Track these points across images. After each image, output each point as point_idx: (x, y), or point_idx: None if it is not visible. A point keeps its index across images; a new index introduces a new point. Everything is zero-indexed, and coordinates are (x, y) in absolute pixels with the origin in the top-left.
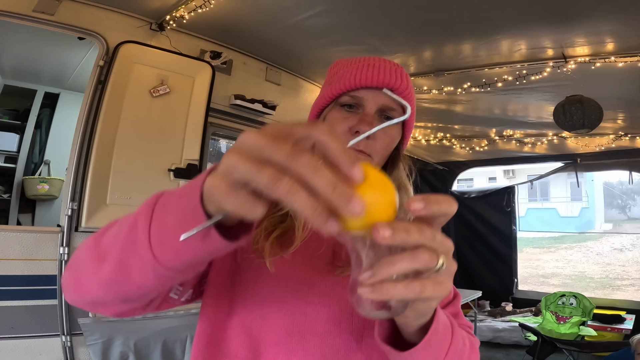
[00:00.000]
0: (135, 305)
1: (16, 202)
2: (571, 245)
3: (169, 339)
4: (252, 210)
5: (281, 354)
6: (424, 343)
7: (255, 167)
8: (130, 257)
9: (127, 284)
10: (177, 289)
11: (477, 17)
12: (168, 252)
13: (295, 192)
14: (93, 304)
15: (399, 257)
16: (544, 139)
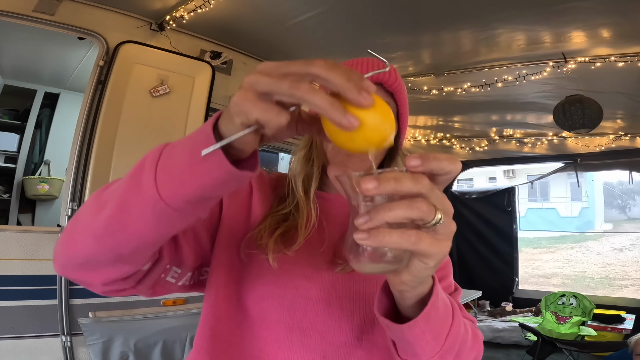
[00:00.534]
0: (126, 269)
1: (16, 202)
2: (571, 245)
3: (169, 339)
4: (278, 116)
5: (282, 350)
6: (424, 315)
7: (275, 79)
8: (131, 197)
9: (123, 230)
10: (175, 271)
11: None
12: (173, 185)
13: (315, 92)
14: (82, 266)
15: (396, 204)
16: (544, 139)
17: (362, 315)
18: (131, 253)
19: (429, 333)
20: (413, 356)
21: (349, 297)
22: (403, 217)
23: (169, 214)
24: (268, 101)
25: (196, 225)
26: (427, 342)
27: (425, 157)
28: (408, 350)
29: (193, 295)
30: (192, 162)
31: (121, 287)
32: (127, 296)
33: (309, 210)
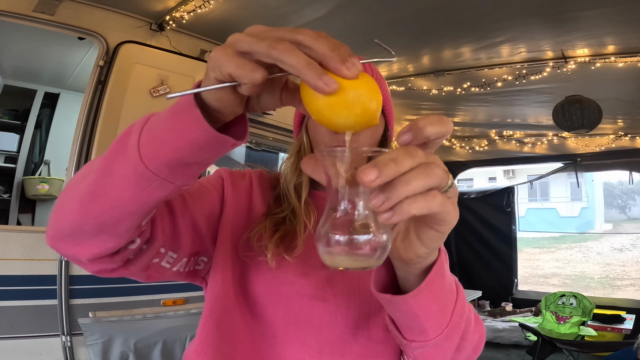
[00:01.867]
0: (110, 243)
1: (16, 202)
2: (571, 245)
3: (169, 339)
4: (252, 72)
5: (279, 344)
6: (428, 282)
7: (256, 39)
8: (116, 160)
9: (106, 195)
10: (171, 256)
11: (476, 19)
12: (153, 145)
13: (291, 51)
14: (69, 238)
15: (412, 175)
16: (544, 139)
17: (357, 311)
18: (113, 223)
19: (434, 304)
20: (420, 333)
21: (343, 294)
22: (423, 187)
23: (149, 178)
24: (245, 58)
25: (195, 213)
26: (433, 314)
27: (415, 129)
28: (414, 326)
29: (193, 295)
30: (172, 122)
31: (109, 265)
32: (128, 296)
33: (306, 215)
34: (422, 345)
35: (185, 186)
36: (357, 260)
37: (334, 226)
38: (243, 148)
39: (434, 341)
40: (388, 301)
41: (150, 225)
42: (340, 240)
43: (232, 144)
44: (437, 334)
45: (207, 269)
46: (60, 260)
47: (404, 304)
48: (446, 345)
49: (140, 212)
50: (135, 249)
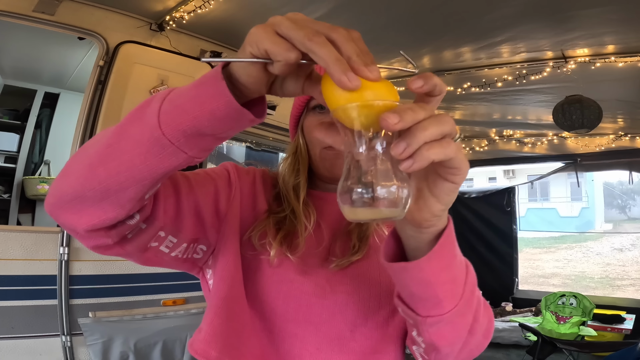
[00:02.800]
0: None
1: (16, 202)
2: (571, 245)
3: (169, 339)
4: (287, 51)
5: (277, 341)
6: (440, 245)
7: (295, 25)
8: (132, 125)
9: (116, 158)
10: (170, 240)
11: (476, 19)
12: (173, 112)
13: (324, 45)
14: (69, 205)
15: (428, 123)
16: (544, 139)
17: (356, 309)
18: (118, 189)
19: (447, 272)
20: (435, 305)
21: (342, 292)
22: (438, 133)
23: (163, 144)
24: (282, 38)
25: (199, 198)
26: (446, 282)
27: (425, 77)
28: (428, 297)
29: (193, 295)
30: (195, 91)
31: (105, 240)
32: (128, 296)
33: (306, 215)
34: (438, 321)
35: (197, 158)
36: (380, 212)
37: (355, 180)
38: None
39: (449, 314)
40: (401, 270)
41: (152, 203)
42: (361, 192)
43: (250, 119)
44: (451, 307)
45: (205, 258)
46: (60, 261)
47: (418, 271)
48: (460, 322)
49: (146, 181)
50: (133, 226)
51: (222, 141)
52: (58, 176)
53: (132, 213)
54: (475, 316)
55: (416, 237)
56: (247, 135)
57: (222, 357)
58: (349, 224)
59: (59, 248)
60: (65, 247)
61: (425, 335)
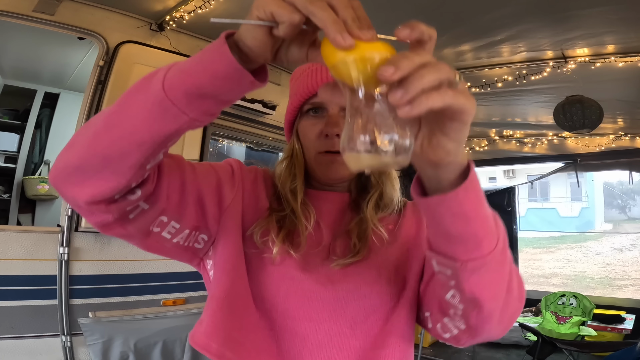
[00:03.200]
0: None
1: (16, 202)
2: (571, 245)
3: (169, 339)
4: (291, 14)
5: (278, 338)
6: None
7: None
8: (138, 93)
9: (120, 124)
10: (173, 226)
11: (476, 18)
12: (178, 76)
13: (324, 9)
14: (71, 176)
15: (425, 71)
16: (544, 139)
17: (356, 307)
18: (120, 155)
19: (483, 207)
20: (475, 246)
21: (343, 289)
22: (435, 81)
23: (165, 106)
24: (286, 2)
25: (203, 187)
26: (484, 218)
27: (411, 25)
28: (467, 235)
29: (193, 295)
30: (200, 56)
31: (106, 216)
32: (128, 296)
33: (306, 216)
34: (479, 265)
35: (197, 122)
36: (381, 158)
37: (358, 130)
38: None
39: (490, 257)
40: (438, 203)
41: (154, 181)
42: (364, 140)
43: (251, 81)
44: (491, 247)
45: (205, 248)
46: (60, 261)
47: (456, 202)
48: (500, 271)
49: (147, 145)
50: (134, 202)
51: (223, 106)
52: (63, 149)
53: (132, 184)
54: (510, 271)
55: (437, 177)
56: (247, 135)
57: (223, 351)
58: (348, 223)
59: (59, 248)
60: (65, 247)
61: (466, 287)
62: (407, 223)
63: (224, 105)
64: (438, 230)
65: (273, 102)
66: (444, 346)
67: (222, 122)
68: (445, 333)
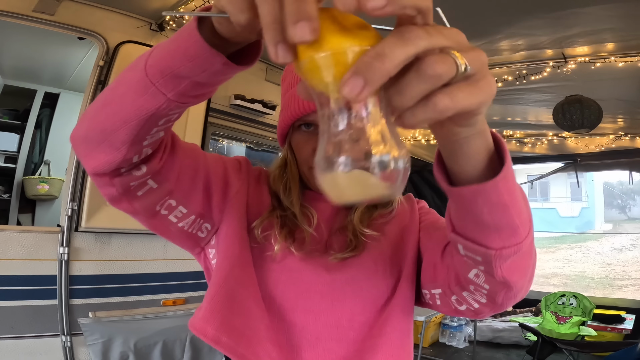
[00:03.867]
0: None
1: (16, 202)
2: (571, 245)
3: (169, 339)
4: (239, 13)
5: (277, 329)
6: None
7: None
8: (128, 71)
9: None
10: (180, 211)
11: (475, 16)
12: (157, 55)
13: (266, 3)
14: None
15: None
16: (544, 139)
17: (354, 298)
18: (112, 130)
19: (519, 192)
20: (512, 232)
21: (341, 281)
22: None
23: (145, 84)
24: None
25: (211, 176)
26: (519, 203)
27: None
28: (504, 223)
29: (193, 295)
30: (175, 35)
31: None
32: (128, 296)
33: (307, 219)
34: (515, 251)
35: (177, 102)
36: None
37: (336, 151)
38: (243, 148)
39: (525, 241)
40: (475, 194)
41: (162, 159)
42: (346, 165)
43: (224, 62)
44: (527, 232)
45: (208, 237)
46: (60, 261)
47: (495, 192)
48: (531, 251)
49: (133, 122)
50: (140, 178)
51: (204, 89)
52: (78, 120)
53: (132, 159)
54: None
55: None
56: (247, 135)
57: (219, 335)
58: (343, 220)
59: (59, 248)
60: (65, 247)
61: (497, 273)
62: (400, 213)
63: (203, 88)
64: (470, 218)
65: (273, 102)
66: (444, 346)
67: (222, 122)
68: (461, 306)
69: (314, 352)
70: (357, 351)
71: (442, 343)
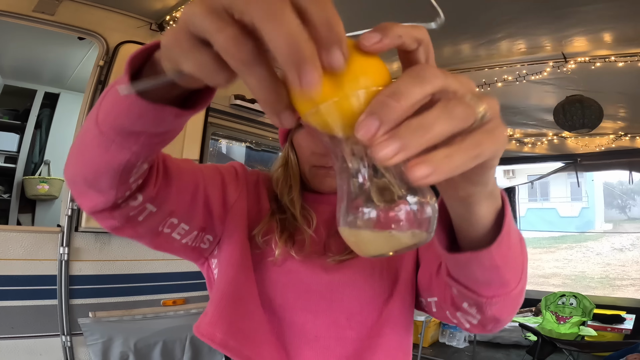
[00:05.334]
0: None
1: (16, 202)
2: (571, 245)
3: (169, 339)
4: (213, 75)
5: (277, 330)
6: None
7: (216, 22)
8: (88, 119)
9: (83, 152)
10: (183, 228)
11: (475, 15)
12: (105, 110)
13: (255, 66)
14: (71, 189)
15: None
16: (544, 139)
17: (352, 298)
18: (94, 178)
19: (512, 249)
20: (501, 285)
21: (339, 281)
22: (440, 137)
23: (105, 141)
24: (205, 51)
25: (209, 190)
26: (511, 261)
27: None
28: (494, 279)
29: (193, 295)
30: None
31: (112, 222)
32: (128, 296)
33: (306, 221)
34: (505, 298)
35: (147, 151)
36: (398, 241)
37: (357, 203)
38: (243, 148)
39: (516, 290)
40: (468, 261)
41: (157, 184)
42: (368, 218)
43: (176, 113)
44: (517, 282)
45: (211, 248)
46: (60, 261)
47: (488, 258)
48: (521, 293)
49: (110, 172)
50: (138, 207)
51: (167, 134)
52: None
53: (125, 195)
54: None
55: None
56: (247, 135)
57: (227, 339)
58: None
59: (59, 248)
60: (65, 247)
61: (488, 313)
62: None
63: (167, 134)
64: (462, 273)
65: None
66: (444, 346)
67: (222, 122)
68: (454, 319)
69: (314, 351)
70: (356, 350)
71: (442, 343)
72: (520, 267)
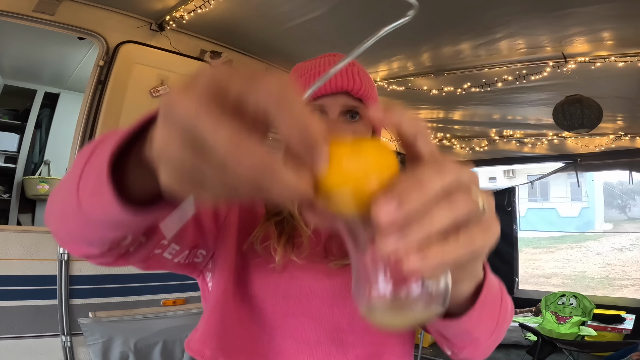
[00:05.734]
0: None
1: (16, 202)
2: (571, 245)
3: (169, 339)
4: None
5: (277, 336)
6: (481, 301)
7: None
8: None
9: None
10: (174, 248)
11: (475, 15)
12: (84, 197)
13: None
14: (56, 238)
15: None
16: (544, 139)
17: (353, 303)
18: (84, 237)
19: (485, 315)
20: (472, 342)
21: (341, 285)
22: (448, 223)
23: (84, 221)
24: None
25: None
26: (484, 324)
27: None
28: (466, 338)
29: (193, 295)
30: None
31: (104, 260)
32: (128, 296)
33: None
34: (474, 349)
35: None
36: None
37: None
38: None
39: (487, 343)
40: (441, 326)
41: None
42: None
43: (159, 217)
44: (487, 338)
45: (205, 262)
46: (60, 261)
47: (458, 326)
48: (496, 341)
49: (101, 239)
50: (129, 244)
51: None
52: (45, 211)
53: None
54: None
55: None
56: None
57: (216, 356)
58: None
59: (59, 248)
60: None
61: (460, 355)
62: None
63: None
64: (433, 329)
65: None
66: None
67: None
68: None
69: (315, 357)
70: (357, 357)
71: None
72: (494, 323)
